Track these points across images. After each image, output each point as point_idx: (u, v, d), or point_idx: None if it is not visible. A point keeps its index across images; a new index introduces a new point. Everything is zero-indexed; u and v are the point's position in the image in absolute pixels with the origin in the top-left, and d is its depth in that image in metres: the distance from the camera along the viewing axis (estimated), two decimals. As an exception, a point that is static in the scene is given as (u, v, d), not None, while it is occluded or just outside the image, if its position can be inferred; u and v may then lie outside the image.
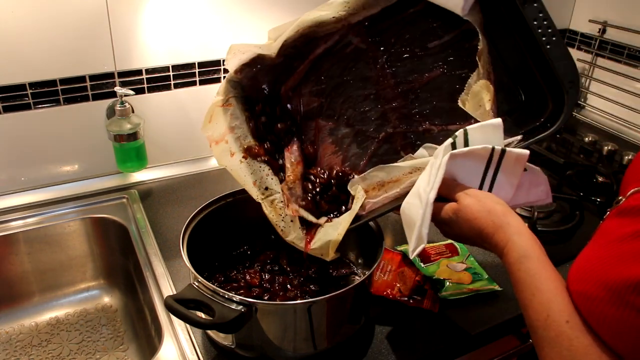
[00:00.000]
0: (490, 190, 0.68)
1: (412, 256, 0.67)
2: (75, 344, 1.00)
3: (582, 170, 1.32)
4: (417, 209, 0.67)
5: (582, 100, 1.65)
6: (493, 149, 0.66)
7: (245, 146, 0.81)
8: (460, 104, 0.75)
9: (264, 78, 0.82)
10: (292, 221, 0.79)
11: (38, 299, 1.08)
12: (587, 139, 1.48)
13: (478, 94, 0.73)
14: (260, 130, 0.83)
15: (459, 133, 0.68)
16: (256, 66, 0.80)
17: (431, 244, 1.01)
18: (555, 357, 0.52)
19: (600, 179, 1.28)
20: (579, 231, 1.09)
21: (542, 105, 0.73)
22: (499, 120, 0.67)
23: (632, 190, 0.52)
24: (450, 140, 0.68)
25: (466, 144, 0.68)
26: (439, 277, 0.91)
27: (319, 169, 0.85)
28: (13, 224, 1.05)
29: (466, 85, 0.75)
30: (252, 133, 0.82)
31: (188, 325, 0.82)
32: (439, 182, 0.65)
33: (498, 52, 0.75)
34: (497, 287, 0.91)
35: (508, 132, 0.73)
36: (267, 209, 0.80)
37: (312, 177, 0.84)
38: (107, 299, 1.10)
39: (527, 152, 0.66)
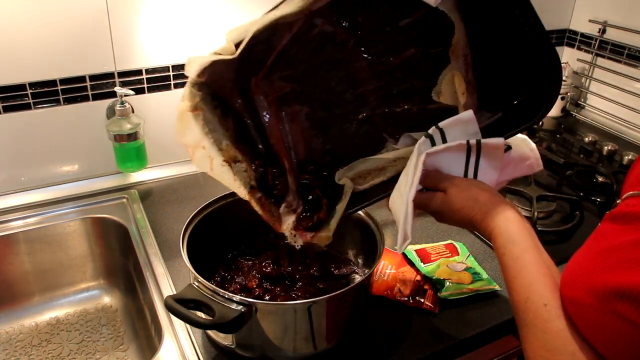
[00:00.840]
0: (475, 176, 0.69)
1: (399, 251, 0.69)
2: (75, 344, 1.00)
3: (582, 170, 1.32)
4: (400, 207, 0.68)
5: (582, 100, 1.65)
6: (468, 142, 0.66)
7: (223, 149, 0.79)
8: (434, 96, 0.74)
9: (228, 68, 0.79)
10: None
11: (38, 299, 1.08)
12: (587, 139, 1.48)
13: (451, 83, 0.73)
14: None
15: (433, 131, 0.68)
16: (218, 63, 0.76)
17: (431, 244, 1.01)
18: (532, 339, 0.53)
19: (600, 179, 1.28)
20: (579, 231, 1.09)
21: (523, 84, 0.72)
22: (470, 113, 0.68)
23: (625, 195, 0.52)
24: (423, 137, 0.69)
25: (444, 140, 0.69)
26: (439, 277, 0.91)
27: (310, 175, 0.84)
28: (13, 224, 1.05)
29: (439, 79, 0.74)
30: (228, 135, 0.80)
31: (188, 325, 0.82)
32: (417, 180, 0.67)
33: (478, 27, 0.72)
34: (497, 287, 0.91)
35: (490, 109, 0.73)
36: (256, 207, 0.80)
37: (307, 183, 0.83)
38: (107, 299, 1.10)
39: (501, 141, 0.66)
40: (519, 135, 0.72)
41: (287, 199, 0.82)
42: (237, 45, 0.74)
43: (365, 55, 0.79)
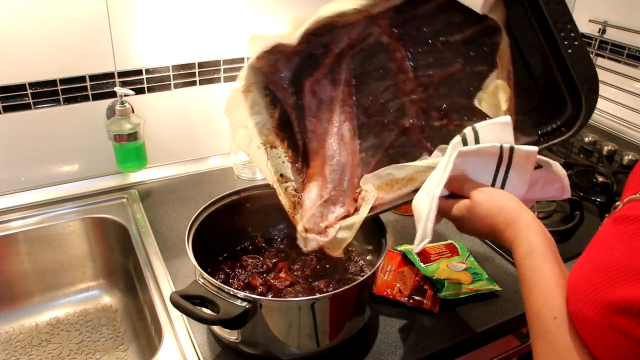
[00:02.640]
0: (502, 187, 0.68)
1: (416, 250, 0.68)
2: (75, 344, 1.00)
3: (582, 170, 1.32)
4: (424, 204, 0.68)
5: (582, 100, 1.65)
6: (502, 146, 0.66)
7: (264, 133, 0.81)
8: (476, 102, 0.75)
9: (285, 65, 0.81)
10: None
11: (38, 299, 1.08)
12: (587, 139, 1.48)
13: (495, 93, 0.73)
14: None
15: (468, 131, 0.68)
16: (277, 54, 0.80)
17: (431, 244, 1.01)
18: (542, 353, 0.53)
19: (600, 179, 1.28)
20: (578, 231, 1.09)
21: (561, 107, 0.73)
22: (507, 117, 0.67)
23: (627, 199, 0.52)
24: (458, 137, 0.68)
25: (477, 142, 0.68)
26: (439, 277, 0.91)
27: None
28: (13, 224, 1.05)
29: (484, 84, 0.75)
30: (272, 121, 0.82)
31: (188, 325, 0.82)
32: (445, 178, 0.66)
33: (519, 49, 0.74)
34: (497, 287, 0.91)
35: (526, 132, 0.73)
36: (280, 195, 0.81)
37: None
38: (107, 299, 1.10)
39: (535, 148, 0.66)
40: (552, 161, 0.72)
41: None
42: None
43: (414, 67, 0.81)
